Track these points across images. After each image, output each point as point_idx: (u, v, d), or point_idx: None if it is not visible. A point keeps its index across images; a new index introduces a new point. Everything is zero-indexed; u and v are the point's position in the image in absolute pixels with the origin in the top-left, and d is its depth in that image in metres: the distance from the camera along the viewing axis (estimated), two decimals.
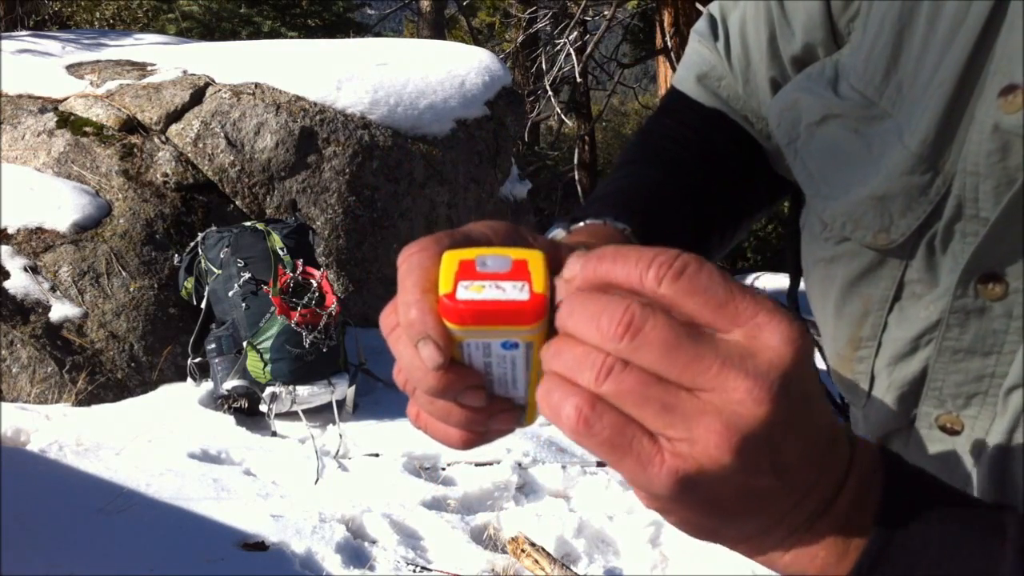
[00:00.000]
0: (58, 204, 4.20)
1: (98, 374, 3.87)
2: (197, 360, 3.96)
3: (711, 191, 0.79)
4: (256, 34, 10.74)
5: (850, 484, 0.46)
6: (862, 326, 0.66)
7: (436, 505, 3.16)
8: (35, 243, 4.08)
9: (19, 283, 3.91)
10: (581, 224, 0.66)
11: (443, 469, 3.39)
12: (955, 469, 0.62)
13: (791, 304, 0.81)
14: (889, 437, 0.68)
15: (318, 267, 3.97)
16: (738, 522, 0.45)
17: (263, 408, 3.68)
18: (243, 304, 3.76)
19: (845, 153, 0.64)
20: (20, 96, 4.86)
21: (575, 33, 9.21)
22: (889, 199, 0.61)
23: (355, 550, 2.83)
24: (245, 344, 3.70)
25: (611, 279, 0.43)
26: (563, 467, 3.44)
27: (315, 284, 3.80)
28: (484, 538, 3.02)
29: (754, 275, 7.98)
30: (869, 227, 0.63)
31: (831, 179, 0.66)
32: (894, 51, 0.62)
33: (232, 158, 4.63)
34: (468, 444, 0.50)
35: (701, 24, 0.83)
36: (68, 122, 4.64)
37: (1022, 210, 0.55)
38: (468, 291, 0.44)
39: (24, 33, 6.88)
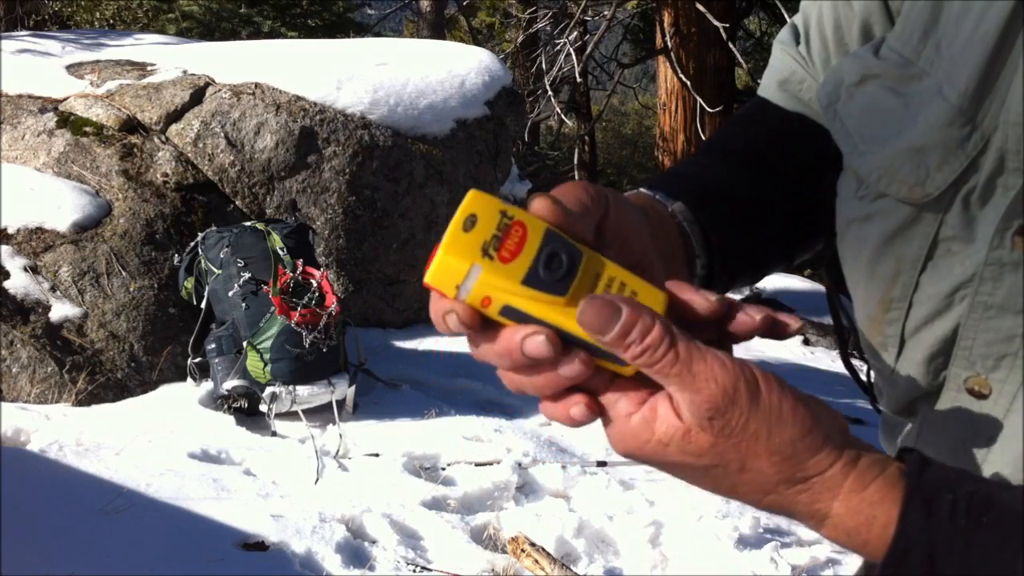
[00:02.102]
0: (58, 204, 4.20)
1: (98, 374, 3.87)
2: (197, 360, 3.96)
3: (785, 186, 0.81)
4: (256, 34, 10.73)
5: (853, 504, 0.52)
6: (893, 286, 0.66)
7: (436, 505, 3.16)
8: (35, 243, 4.08)
9: (19, 283, 3.91)
10: (634, 191, 0.74)
11: (443, 469, 3.39)
12: (980, 435, 0.62)
13: (826, 271, 0.81)
14: (915, 404, 0.68)
15: (318, 267, 3.97)
16: (734, 493, 0.55)
17: (263, 408, 3.67)
18: (243, 304, 3.76)
19: (883, 111, 0.65)
20: (20, 96, 4.86)
21: (575, 33, 9.20)
22: (926, 151, 0.61)
23: (355, 550, 2.83)
24: (245, 344, 3.70)
25: None
26: (563, 467, 3.44)
27: (315, 284, 3.80)
28: (484, 538, 3.02)
29: None
30: (905, 180, 0.63)
31: (868, 135, 0.66)
32: (933, 11, 0.63)
33: (232, 158, 4.62)
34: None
35: (783, 33, 0.86)
36: (68, 122, 4.64)
37: None
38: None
39: (24, 33, 6.88)
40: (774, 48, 0.87)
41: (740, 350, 0.55)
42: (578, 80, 11.38)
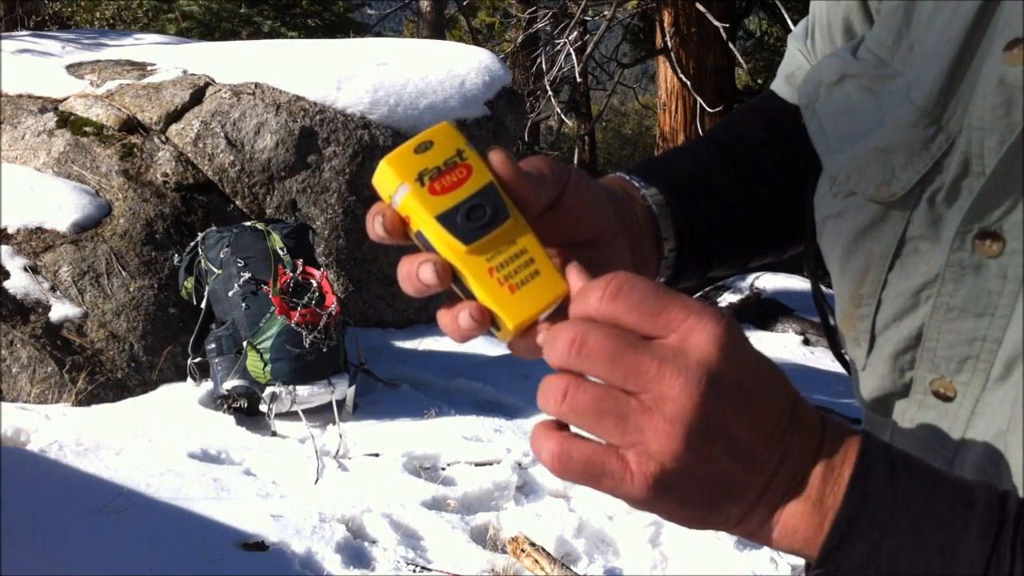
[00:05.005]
0: (58, 204, 4.20)
1: (98, 374, 3.87)
2: (197, 360, 3.96)
3: (768, 176, 0.83)
4: (256, 34, 10.74)
5: (821, 460, 0.50)
6: (863, 283, 0.67)
7: (436, 505, 3.16)
8: (35, 243, 4.08)
9: (19, 283, 3.91)
10: (612, 175, 0.76)
11: (443, 469, 3.39)
12: (947, 437, 0.63)
13: (808, 265, 0.82)
14: (887, 401, 0.69)
15: (318, 267, 3.97)
16: (720, 508, 0.50)
17: (263, 408, 3.67)
18: (243, 304, 3.76)
19: (857, 110, 0.66)
20: (20, 96, 4.86)
21: (575, 33, 9.20)
22: (892, 151, 0.62)
23: (355, 550, 2.83)
24: (245, 344, 3.70)
25: (575, 312, 0.51)
26: None
27: (315, 284, 3.80)
28: (484, 538, 3.02)
29: (754, 275, 7.98)
30: (872, 179, 0.64)
31: (841, 134, 0.67)
32: (907, 12, 0.65)
33: (232, 158, 4.62)
34: (460, 335, 0.55)
35: (797, 28, 0.88)
36: (68, 122, 4.64)
37: (1021, 162, 0.56)
38: None
39: (24, 33, 6.88)
40: (788, 42, 0.89)
41: None
42: (578, 80, 11.38)
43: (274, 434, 3.63)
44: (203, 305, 3.95)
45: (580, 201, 0.60)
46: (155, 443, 3.34)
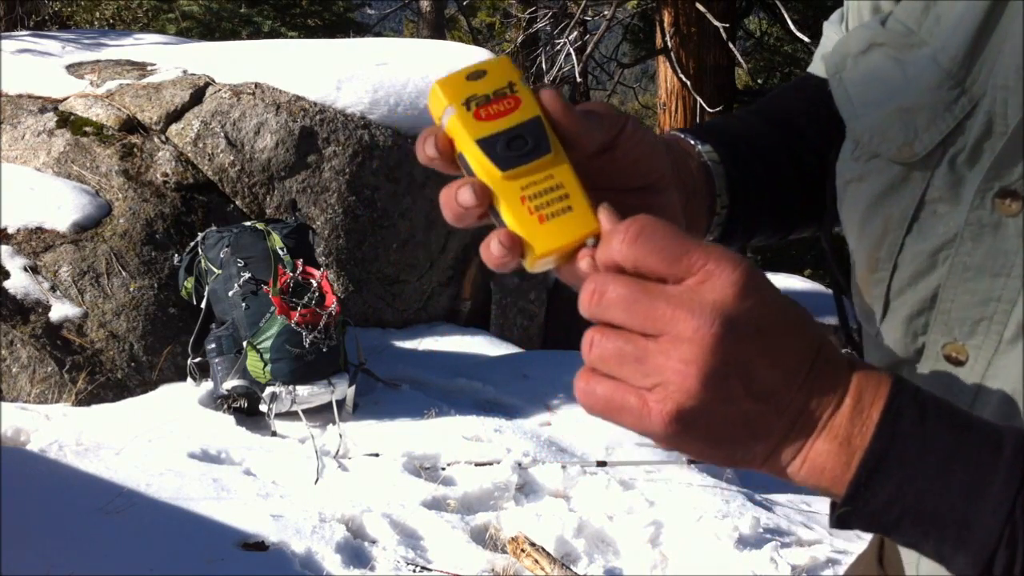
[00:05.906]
0: (58, 204, 4.20)
1: (98, 374, 3.87)
2: (197, 360, 3.96)
3: (812, 143, 0.84)
4: (256, 34, 10.73)
5: (847, 402, 0.51)
6: (880, 247, 0.67)
7: (436, 505, 3.16)
8: (35, 243, 4.08)
9: (19, 283, 3.91)
10: (665, 132, 0.77)
11: (443, 469, 3.39)
12: (958, 402, 0.63)
13: (826, 237, 0.83)
14: (897, 369, 0.69)
15: (318, 267, 3.97)
16: (745, 446, 0.51)
17: (263, 408, 3.67)
18: (243, 304, 3.76)
19: (883, 76, 0.67)
20: (20, 96, 4.86)
21: (575, 33, 9.20)
22: (915, 112, 0.63)
23: (355, 550, 2.83)
24: (245, 344, 3.70)
25: (600, 258, 0.52)
26: (563, 467, 3.44)
27: (315, 284, 3.80)
28: (484, 538, 3.02)
29: None
30: (895, 140, 0.65)
31: (867, 99, 0.68)
32: None
33: (232, 158, 4.62)
34: (493, 263, 0.55)
35: (834, 14, 0.89)
36: (68, 122, 4.64)
37: None
38: None
39: (24, 33, 6.87)
40: (824, 27, 0.91)
41: None
42: (578, 80, 11.37)
43: (274, 434, 3.63)
44: (203, 305, 3.95)
45: (637, 146, 0.61)
46: (155, 443, 3.34)
